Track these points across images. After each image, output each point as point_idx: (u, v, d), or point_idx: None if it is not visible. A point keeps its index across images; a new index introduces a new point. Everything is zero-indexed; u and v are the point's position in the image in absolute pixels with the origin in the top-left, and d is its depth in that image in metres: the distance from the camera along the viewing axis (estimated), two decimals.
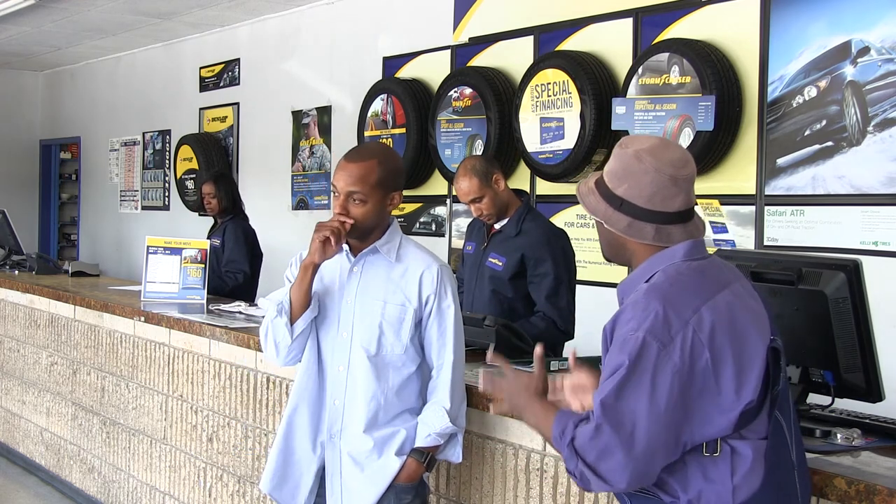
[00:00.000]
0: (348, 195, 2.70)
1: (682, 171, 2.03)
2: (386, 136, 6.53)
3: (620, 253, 2.13)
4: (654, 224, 2.03)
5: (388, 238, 2.80)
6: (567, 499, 2.69)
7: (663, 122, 4.75)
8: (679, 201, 2.03)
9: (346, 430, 2.78)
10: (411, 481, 2.77)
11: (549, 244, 3.83)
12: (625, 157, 2.06)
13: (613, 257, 2.18)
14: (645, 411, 1.86)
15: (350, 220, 2.68)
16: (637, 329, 1.90)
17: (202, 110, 8.97)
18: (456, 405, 2.79)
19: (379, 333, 2.76)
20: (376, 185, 2.71)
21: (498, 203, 3.84)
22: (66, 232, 12.10)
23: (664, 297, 1.93)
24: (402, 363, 2.78)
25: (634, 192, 2.02)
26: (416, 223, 6.54)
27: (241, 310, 4.68)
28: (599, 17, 5.36)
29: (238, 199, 6.00)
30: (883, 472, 2.14)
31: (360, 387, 2.76)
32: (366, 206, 2.71)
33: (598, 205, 2.09)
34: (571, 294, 3.89)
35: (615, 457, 1.87)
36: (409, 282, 2.77)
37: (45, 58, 10.62)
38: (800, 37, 4.43)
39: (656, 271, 2.02)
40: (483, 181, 3.80)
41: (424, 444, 2.77)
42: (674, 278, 1.98)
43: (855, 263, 2.40)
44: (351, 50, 7.23)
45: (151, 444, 4.73)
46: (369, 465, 2.76)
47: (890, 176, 4.15)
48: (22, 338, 6.18)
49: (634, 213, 2.03)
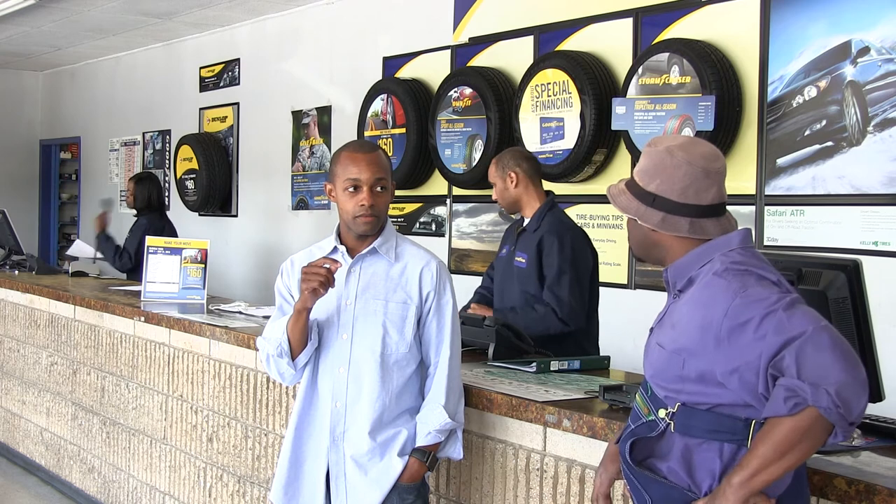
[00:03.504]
0: (377, 183, 2.73)
1: (714, 164, 2.05)
2: (386, 136, 6.53)
3: (653, 250, 2.13)
4: (688, 217, 2.04)
5: (385, 238, 2.81)
6: (567, 499, 2.69)
7: (663, 122, 4.75)
8: (712, 194, 2.05)
9: (350, 431, 2.77)
10: (414, 481, 2.77)
11: (558, 235, 3.91)
12: (655, 154, 2.08)
13: (645, 255, 2.18)
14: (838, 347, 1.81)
15: (339, 263, 2.70)
16: (769, 308, 1.85)
17: (202, 110, 8.97)
18: (453, 401, 2.79)
19: (383, 333, 2.76)
20: (390, 174, 2.80)
21: (506, 196, 4.04)
22: (66, 232, 12.09)
23: (752, 266, 1.94)
24: (406, 362, 2.79)
25: (667, 186, 2.04)
26: (416, 223, 6.54)
27: (241, 310, 4.68)
28: (599, 17, 5.36)
29: (154, 200, 6.96)
30: (883, 472, 2.14)
31: (365, 388, 2.75)
32: (387, 195, 2.77)
33: (630, 203, 2.10)
34: (578, 287, 3.89)
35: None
36: (409, 279, 2.78)
37: (45, 58, 10.62)
38: (800, 37, 4.43)
39: (712, 258, 2.01)
40: (499, 171, 4.05)
41: (425, 443, 2.77)
42: (746, 258, 1.98)
43: (855, 263, 2.40)
44: (351, 50, 7.23)
45: (151, 444, 4.73)
46: (372, 467, 2.76)
47: (890, 176, 4.15)
48: (22, 338, 6.18)
49: (668, 208, 2.04)
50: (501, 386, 2.97)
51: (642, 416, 2.08)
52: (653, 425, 2.04)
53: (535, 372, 3.21)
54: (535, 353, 3.50)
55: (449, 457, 2.86)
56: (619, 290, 5.20)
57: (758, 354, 1.84)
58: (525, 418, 2.77)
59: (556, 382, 3.06)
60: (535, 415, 2.74)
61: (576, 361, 3.36)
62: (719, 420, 1.95)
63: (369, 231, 2.76)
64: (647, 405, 2.08)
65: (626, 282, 5.16)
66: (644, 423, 2.06)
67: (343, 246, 2.82)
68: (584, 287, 3.92)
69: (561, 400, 2.78)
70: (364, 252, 2.79)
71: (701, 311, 1.95)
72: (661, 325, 2.10)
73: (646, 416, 2.07)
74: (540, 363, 3.26)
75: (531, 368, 3.24)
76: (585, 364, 3.37)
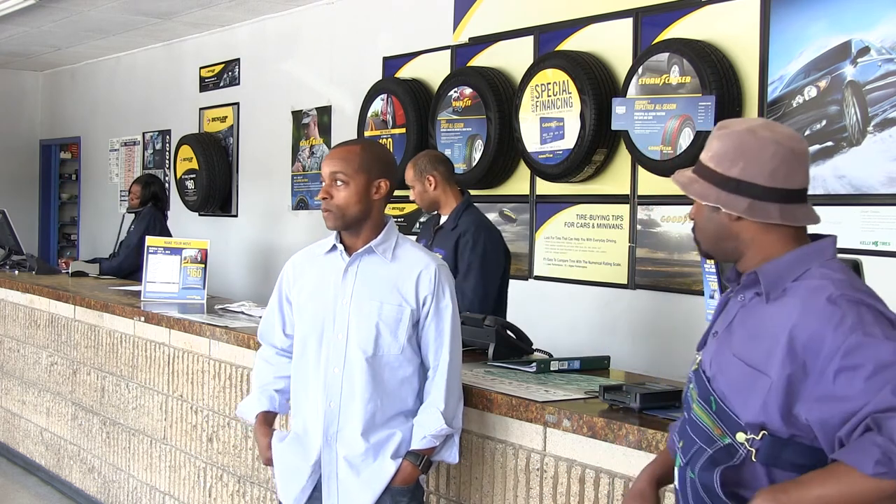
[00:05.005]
0: (331, 176, 2.72)
1: (801, 144, 1.88)
2: (386, 136, 6.53)
3: (730, 244, 1.91)
4: (778, 203, 1.84)
5: (384, 237, 2.78)
6: (567, 499, 2.69)
7: (663, 122, 4.75)
8: (800, 178, 1.87)
9: (343, 432, 2.76)
10: (407, 484, 2.76)
11: (473, 234, 4.20)
12: (735, 135, 1.87)
13: (718, 251, 1.96)
14: None
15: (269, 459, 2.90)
16: (890, 360, 1.69)
17: (202, 110, 8.96)
18: (452, 406, 2.77)
19: (376, 334, 2.74)
20: (359, 168, 2.73)
21: (426, 198, 4.34)
22: (66, 232, 12.09)
23: (865, 296, 1.78)
24: (399, 364, 2.76)
25: (754, 169, 1.84)
26: (416, 223, 6.53)
27: (244, 310, 4.68)
28: (599, 17, 5.36)
29: (159, 202, 7.24)
30: None
31: (358, 389, 2.74)
32: (348, 189, 2.71)
33: (708, 190, 1.88)
34: (483, 284, 4.17)
35: None
36: (406, 282, 2.75)
37: (45, 58, 10.62)
38: (800, 37, 4.43)
39: (809, 267, 1.84)
40: (416, 174, 4.33)
41: (420, 447, 2.75)
42: (854, 281, 1.83)
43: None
44: (351, 50, 7.23)
45: (151, 444, 4.73)
46: (365, 469, 2.74)
47: (890, 176, 4.14)
48: (22, 338, 6.18)
49: (754, 194, 1.84)
50: (501, 386, 2.97)
51: (715, 438, 1.87)
52: (731, 450, 1.84)
53: (535, 372, 3.20)
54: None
55: (444, 461, 2.85)
56: (619, 290, 5.20)
57: (863, 403, 1.68)
58: (525, 418, 2.77)
59: (556, 382, 3.06)
60: (535, 415, 2.73)
61: (576, 361, 3.36)
62: (811, 453, 1.78)
63: (330, 226, 2.77)
64: (718, 424, 1.87)
65: (626, 282, 5.16)
66: (722, 448, 1.86)
67: (342, 245, 2.82)
68: (489, 283, 4.20)
69: (561, 400, 2.78)
70: (360, 251, 2.78)
71: (804, 336, 1.75)
72: (733, 333, 1.89)
73: (720, 438, 1.86)
74: (540, 363, 3.26)
75: (531, 368, 3.24)
76: (585, 364, 3.37)
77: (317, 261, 2.88)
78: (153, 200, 7.11)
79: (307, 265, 2.90)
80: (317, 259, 2.88)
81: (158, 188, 7.30)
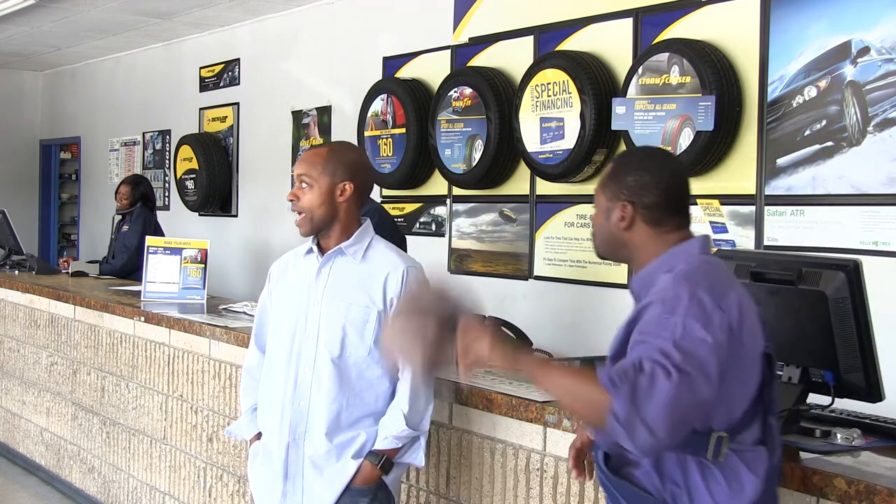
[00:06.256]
0: (298, 179, 2.83)
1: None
2: (386, 136, 6.53)
3: (618, 249, 2.21)
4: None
5: (356, 239, 2.82)
6: (567, 499, 2.69)
7: (663, 122, 4.75)
8: None
9: (310, 432, 2.78)
10: (367, 484, 2.77)
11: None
12: None
13: (609, 254, 2.27)
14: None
15: None
16: (672, 313, 1.88)
17: (202, 110, 8.96)
18: (418, 409, 2.77)
19: (343, 335, 2.75)
20: (323, 171, 2.80)
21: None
22: (66, 232, 12.09)
23: (694, 282, 1.93)
24: (367, 366, 2.77)
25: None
26: (416, 223, 6.54)
27: (246, 310, 4.68)
28: (599, 17, 5.36)
29: (148, 202, 7.23)
30: (883, 472, 2.14)
31: (324, 389, 2.76)
32: (312, 192, 2.80)
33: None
34: None
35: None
36: (374, 283, 2.77)
37: (45, 58, 10.62)
38: (800, 37, 4.43)
39: (675, 265, 2.03)
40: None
41: (382, 447, 2.76)
42: (697, 266, 2.00)
43: (855, 263, 2.39)
44: (351, 50, 7.23)
45: (151, 444, 4.73)
46: (328, 468, 2.77)
47: (890, 176, 4.14)
48: (22, 338, 6.18)
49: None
50: (501, 386, 2.97)
51: None
52: None
53: None
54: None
55: (410, 463, 2.85)
56: (619, 290, 5.20)
57: (636, 357, 1.87)
58: (525, 418, 2.78)
59: None
60: (535, 415, 2.74)
61: (576, 361, 3.36)
62: None
63: (303, 233, 2.86)
64: None
65: (626, 282, 5.16)
66: None
67: (317, 247, 2.86)
68: None
69: None
70: (331, 252, 2.82)
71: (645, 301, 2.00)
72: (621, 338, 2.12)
73: None
74: None
75: None
76: (585, 364, 3.36)
77: (298, 262, 2.95)
78: (143, 200, 7.15)
79: (290, 266, 2.97)
80: (298, 260, 2.95)
81: (147, 188, 7.36)
